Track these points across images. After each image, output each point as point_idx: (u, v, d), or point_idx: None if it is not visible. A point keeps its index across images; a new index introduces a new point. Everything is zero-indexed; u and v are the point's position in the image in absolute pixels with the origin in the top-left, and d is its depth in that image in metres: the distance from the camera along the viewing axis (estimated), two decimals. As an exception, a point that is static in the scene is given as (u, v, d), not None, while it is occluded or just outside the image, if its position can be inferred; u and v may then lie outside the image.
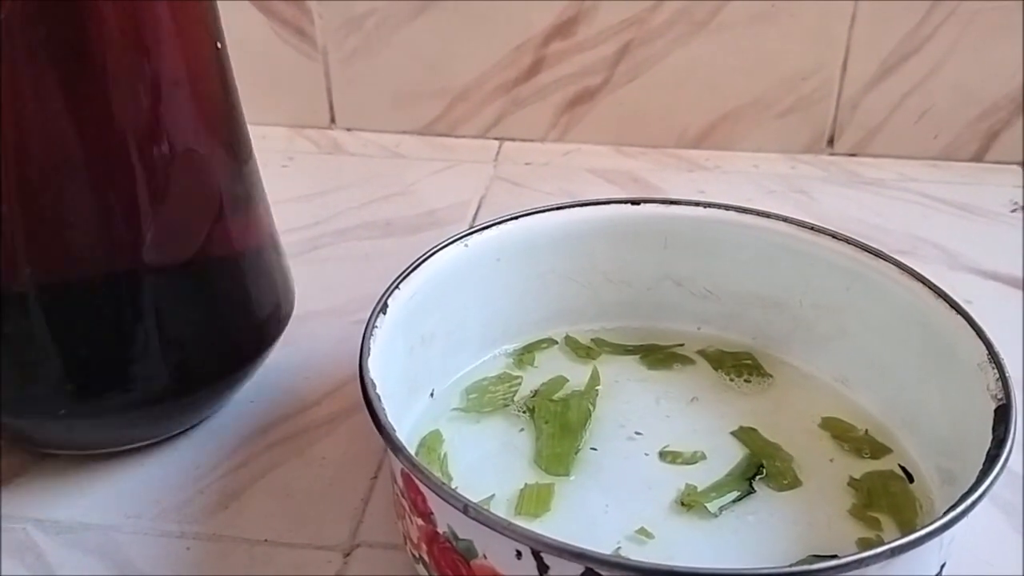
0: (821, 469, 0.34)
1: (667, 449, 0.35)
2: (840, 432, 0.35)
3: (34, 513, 0.35)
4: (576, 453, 0.34)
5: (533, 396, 0.37)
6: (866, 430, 0.35)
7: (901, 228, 0.52)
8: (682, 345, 0.39)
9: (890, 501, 0.32)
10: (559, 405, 0.36)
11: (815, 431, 0.36)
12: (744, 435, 0.35)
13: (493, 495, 0.33)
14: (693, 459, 0.34)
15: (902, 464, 0.34)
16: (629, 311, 0.40)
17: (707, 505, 0.32)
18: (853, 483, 0.33)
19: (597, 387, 0.37)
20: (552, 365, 0.39)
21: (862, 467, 0.34)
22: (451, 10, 0.57)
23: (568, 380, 0.38)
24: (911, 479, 0.33)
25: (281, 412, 0.40)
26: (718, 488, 0.33)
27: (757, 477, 0.33)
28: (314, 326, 0.45)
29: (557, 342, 0.40)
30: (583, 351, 0.39)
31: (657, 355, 0.39)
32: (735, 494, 0.33)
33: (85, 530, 0.34)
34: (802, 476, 0.34)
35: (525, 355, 0.39)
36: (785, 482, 0.33)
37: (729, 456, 0.34)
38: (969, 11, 0.55)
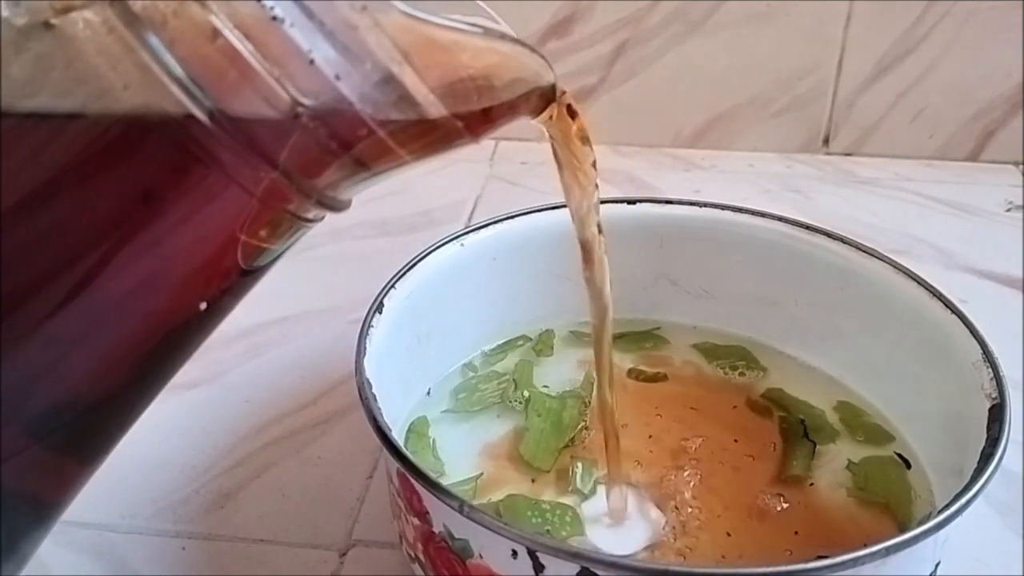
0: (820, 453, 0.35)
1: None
2: (848, 416, 0.36)
3: (29, 513, 0.35)
4: (560, 451, 0.34)
5: (516, 389, 0.37)
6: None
7: (896, 227, 0.52)
8: (659, 328, 0.40)
9: (887, 487, 0.33)
10: (556, 402, 0.36)
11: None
12: (773, 394, 0.36)
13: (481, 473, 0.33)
14: (655, 378, 0.37)
15: (899, 452, 0.34)
16: (625, 310, 0.40)
17: (799, 474, 0.33)
18: (851, 467, 0.34)
19: (593, 382, 0.37)
20: (524, 359, 0.39)
21: (861, 452, 0.34)
22: (446, 9, 0.57)
23: (532, 363, 0.38)
24: (908, 466, 0.33)
25: (277, 412, 0.40)
26: (797, 458, 0.34)
27: (807, 434, 0.35)
28: (310, 325, 0.45)
29: (532, 339, 0.40)
30: (544, 348, 0.39)
31: (632, 337, 0.39)
32: (810, 452, 0.34)
33: (80, 529, 0.34)
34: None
35: (499, 353, 0.39)
36: (826, 434, 0.35)
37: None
38: (964, 11, 0.55)
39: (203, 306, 0.23)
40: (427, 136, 0.22)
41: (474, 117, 0.23)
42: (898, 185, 0.57)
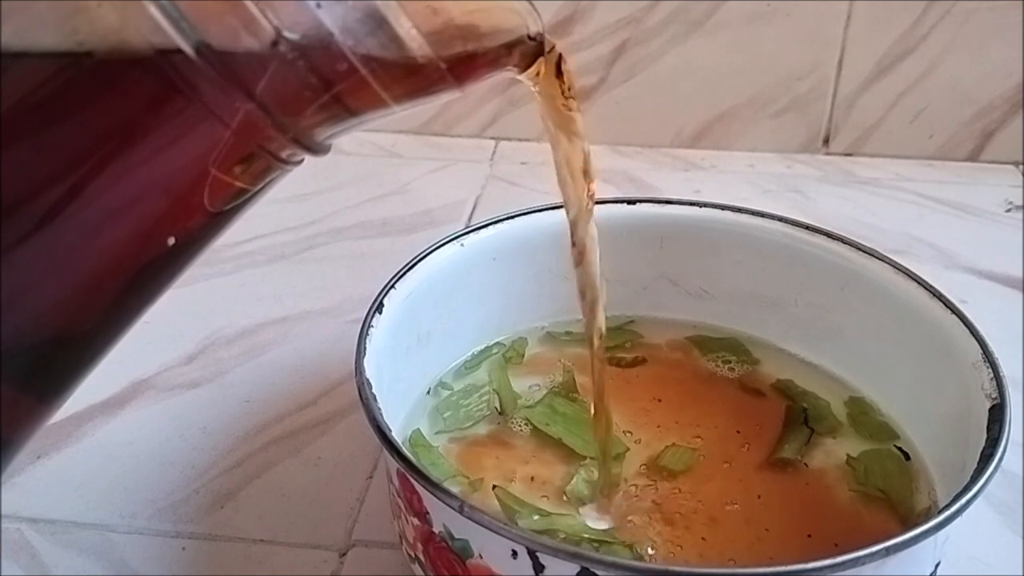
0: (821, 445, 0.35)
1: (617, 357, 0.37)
2: (856, 412, 0.36)
3: (29, 513, 0.35)
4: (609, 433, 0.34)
5: (500, 413, 0.36)
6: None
7: (896, 228, 0.52)
8: (632, 322, 0.40)
9: (886, 480, 0.33)
10: (545, 408, 0.36)
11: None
12: (783, 385, 0.36)
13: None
14: (635, 362, 0.38)
15: (899, 446, 0.34)
16: (624, 310, 0.40)
17: (790, 457, 0.34)
18: (851, 461, 0.34)
19: (572, 373, 0.37)
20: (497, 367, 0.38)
21: (860, 446, 0.34)
22: (447, 9, 0.57)
23: (505, 369, 0.38)
24: (907, 458, 0.34)
25: (277, 412, 0.40)
26: (790, 442, 0.34)
27: (807, 422, 0.35)
28: (310, 326, 0.45)
29: (505, 345, 0.39)
30: (515, 355, 0.39)
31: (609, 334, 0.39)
32: (805, 439, 0.34)
33: (80, 530, 0.34)
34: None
35: (475, 365, 0.38)
36: (827, 424, 0.35)
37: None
38: (964, 11, 0.55)
39: (171, 241, 0.22)
40: (410, 78, 0.22)
41: (459, 60, 0.22)
42: (898, 185, 0.57)
